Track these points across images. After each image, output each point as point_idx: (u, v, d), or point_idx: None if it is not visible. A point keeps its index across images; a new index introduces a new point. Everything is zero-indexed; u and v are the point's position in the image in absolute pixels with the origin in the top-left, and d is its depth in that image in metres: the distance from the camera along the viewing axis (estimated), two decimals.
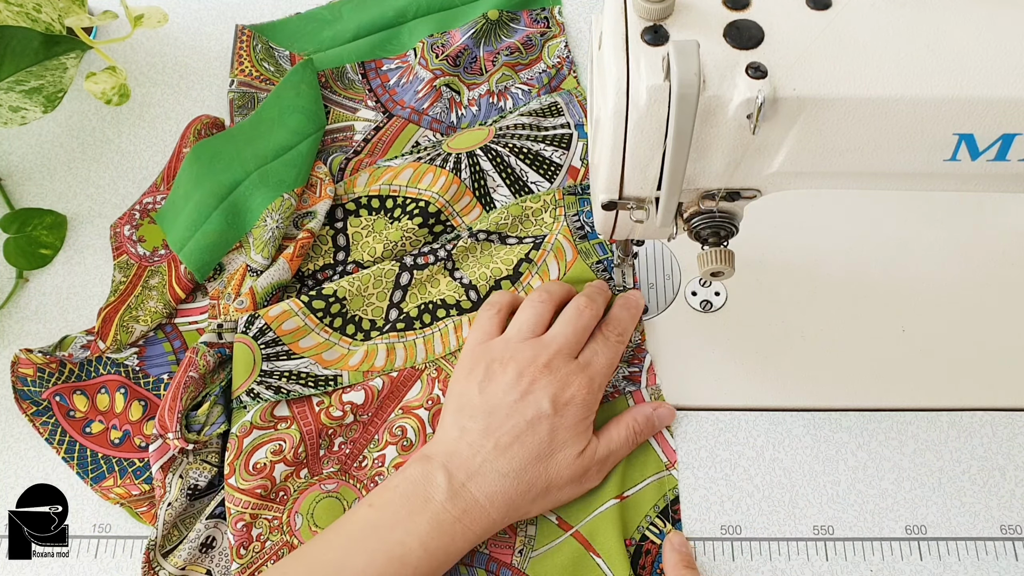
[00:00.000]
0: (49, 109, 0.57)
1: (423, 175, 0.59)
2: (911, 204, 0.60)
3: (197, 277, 0.57)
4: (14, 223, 0.60)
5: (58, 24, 0.58)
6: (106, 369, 0.56)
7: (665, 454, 0.52)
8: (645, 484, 0.51)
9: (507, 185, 0.60)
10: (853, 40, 0.38)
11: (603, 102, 0.41)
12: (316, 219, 0.58)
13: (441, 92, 0.64)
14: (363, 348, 0.55)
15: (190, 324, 0.57)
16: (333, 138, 0.64)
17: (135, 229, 0.61)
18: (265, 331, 0.54)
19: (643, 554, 0.50)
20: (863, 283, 0.57)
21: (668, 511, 0.51)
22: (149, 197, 0.62)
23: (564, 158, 0.61)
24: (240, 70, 0.66)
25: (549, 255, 0.57)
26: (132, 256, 0.60)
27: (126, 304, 0.57)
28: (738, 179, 0.43)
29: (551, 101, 0.63)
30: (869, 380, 0.55)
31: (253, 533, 0.50)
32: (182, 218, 0.58)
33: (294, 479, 0.51)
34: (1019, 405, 0.54)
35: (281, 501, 0.51)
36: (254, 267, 0.56)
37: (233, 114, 0.64)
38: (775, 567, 0.50)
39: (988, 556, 0.50)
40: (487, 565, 0.49)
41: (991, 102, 0.38)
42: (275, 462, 0.51)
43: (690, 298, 0.57)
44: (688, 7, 0.39)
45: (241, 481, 0.50)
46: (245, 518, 0.50)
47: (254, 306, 0.54)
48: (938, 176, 0.42)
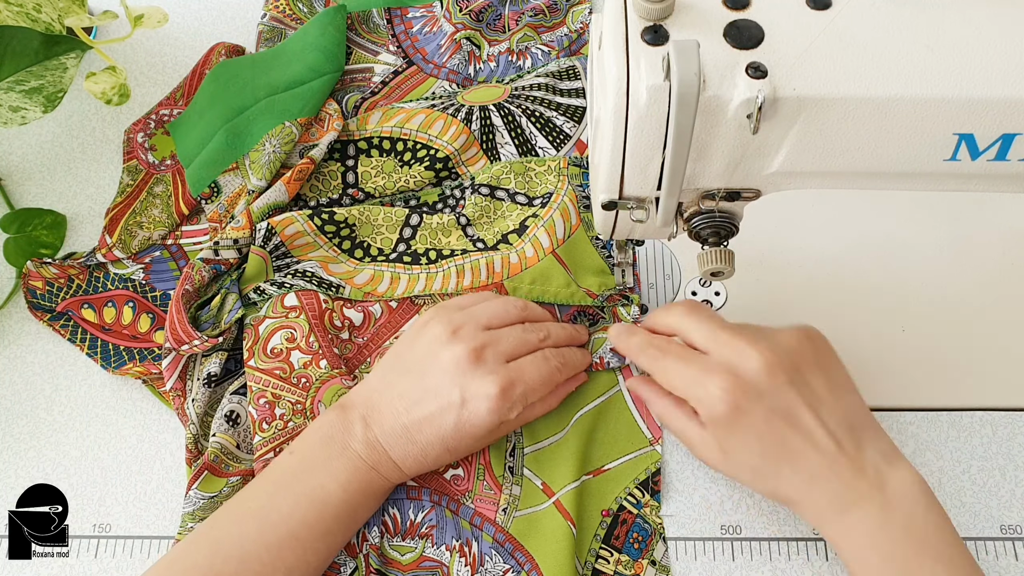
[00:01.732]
0: (49, 109, 0.57)
1: (434, 122, 0.60)
2: (911, 204, 0.60)
3: (192, 191, 0.59)
4: (14, 223, 0.60)
5: (58, 24, 0.58)
6: (113, 284, 0.58)
7: (650, 430, 0.53)
8: (628, 459, 0.52)
9: (515, 144, 0.61)
10: (853, 40, 0.38)
11: (603, 102, 0.41)
12: (319, 149, 0.59)
13: (461, 44, 0.65)
14: (369, 270, 0.57)
15: (195, 244, 0.60)
16: (352, 78, 0.65)
17: (148, 137, 0.63)
18: (271, 235, 0.56)
19: (619, 524, 0.50)
20: (863, 283, 0.57)
21: (648, 483, 0.51)
22: (165, 109, 0.64)
23: (575, 130, 0.62)
24: (275, 5, 0.68)
25: (555, 212, 0.57)
26: (142, 162, 0.62)
27: (132, 208, 0.60)
28: (738, 179, 0.43)
29: (569, 64, 0.64)
30: (869, 380, 0.55)
31: (276, 412, 0.51)
32: (194, 134, 0.61)
33: (314, 367, 0.53)
34: (1019, 405, 0.54)
35: (304, 387, 0.52)
36: (251, 189, 0.58)
37: (259, 45, 0.66)
38: (775, 567, 0.50)
39: (988, 556, 0.50)
40: (471, 518, 0.50)
41: (991, 102, 0.38)
42: (290, 348, 0.53)
43: (690, 298, 0.57)
44: (688, 7, 0.39)
45: (260, 362, 0.52)
46: (267, 395, 0.51)
47: (250, 226, 0.56)
48: (938, 176, 0.42)
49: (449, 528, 0.50)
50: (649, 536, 0.50)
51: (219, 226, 0.58)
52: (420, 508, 0.51)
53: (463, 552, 0.49)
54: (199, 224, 0.60)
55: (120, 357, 0.56)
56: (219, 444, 0.51)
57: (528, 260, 0.56)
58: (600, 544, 0.50)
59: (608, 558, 0.49)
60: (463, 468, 0.51)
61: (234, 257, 0.56)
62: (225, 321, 0.54)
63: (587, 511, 0.50)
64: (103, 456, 0.54)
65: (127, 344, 0.56)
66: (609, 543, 0.50)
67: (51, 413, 0.56)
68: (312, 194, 0.59)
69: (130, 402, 0.56)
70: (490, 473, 0.51)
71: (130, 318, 0.57)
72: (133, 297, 0.57)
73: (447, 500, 0.51)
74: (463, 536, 0.50)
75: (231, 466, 0.51)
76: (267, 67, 0.62)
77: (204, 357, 0.53)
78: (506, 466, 0.51)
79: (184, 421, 0.52)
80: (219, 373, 0.53)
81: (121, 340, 0.56)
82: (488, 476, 0.51)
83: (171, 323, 0.52)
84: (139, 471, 0.54)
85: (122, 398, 0.56)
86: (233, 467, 0.51)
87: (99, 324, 0.57)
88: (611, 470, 0.52)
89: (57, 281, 0.58)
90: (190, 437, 0.51)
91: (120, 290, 0.58)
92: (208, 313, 0.54)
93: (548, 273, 0.56)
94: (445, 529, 0.50)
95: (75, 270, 0.58)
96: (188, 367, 0.53)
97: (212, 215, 0.59)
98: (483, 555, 0.49)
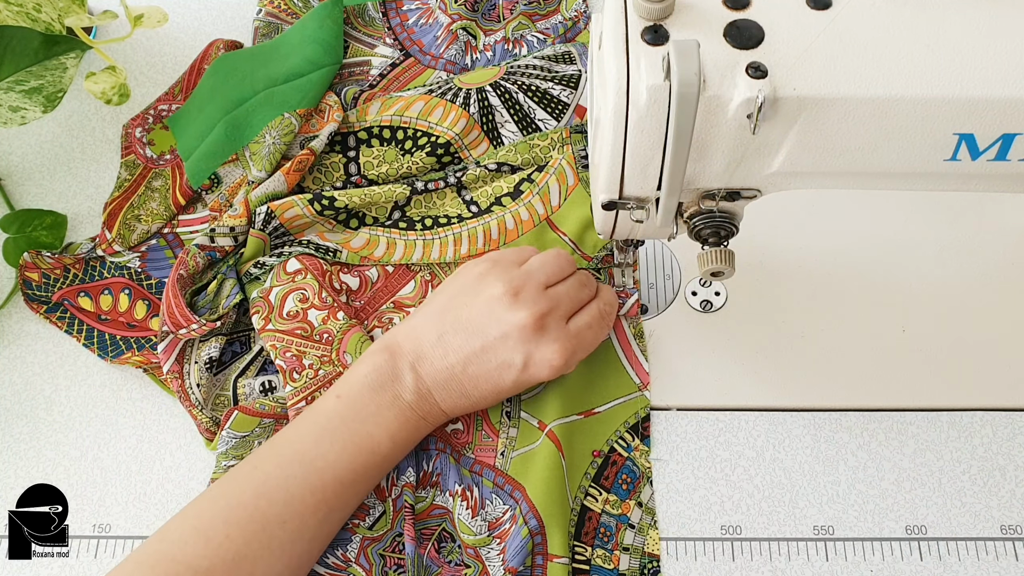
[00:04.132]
0: (49, 109, 0.57)
1: (433, 109, 0.60)
2: (911, 204, 0.60)
3: (191, 183, 0.59)
4: (14, 223, 0.60)
5: (58, 24, 0.58)
6: (110, 272, 0.58)
7: (638, 376, 0.54)
8: (618, 402, 0.54)
9: (514, 121, 0.61)
10: (853, 40, 0.38)
11: (603, 102, 0.41)
12: (319, 140, 0.59)
13: (457, 35, 0.65)
14: (365, 234, 0.58)
15: (191, 233, 0.60)
16: (350, 72, 0.65)
17: (146, 132, 0.63)
18: (271, 218, 0.56)
19: (609, 465, 0.52)
20: (863, 283, 0.57)
21: (639, 427, 0.53)
22: (164, 104, 0.64)
23: (571, 97, 0.62)
24: (269, 1, 0.68)
25: (551, 178, 0.58)
26: (140, 156, 0.62)
27: (129, 202, 0.60)
28: (738, 179, 0.43)
29: (565, 50, 0.64)
30: (869, 380, 0.55)
31: (305, 362, 0.52)
32: (193, 127, 0.61)
33: (332, 320, 0.53)
34: (1019, 405, 0.54)
35: (327, 342, 0.53)
36: (252, 179, 0.58)
37: (255, 41, 0.66)
38: (775, 567, 0.50)
39: (988, 556, 0.50)
40: (471, 467, 0.52)
41: (991, 102, 0.38)
42: (306, 309, 0.54)
43: (690, 298, 0.57)
44: (688, 7, 0.39)
45: (279, 324, 0.53)
46: (292, 350, 0.52)
47: (247, 214, 0.56)
48: (938, 176, 0.42)
49: (452, 474, 0.51)
50: (637, 478, 0.52)
51: (219, 215, 0.59)
52: (428, 457, 0.52)
53: (465, 496, 0.50)
54: (196, 213, 0.60)
55: (117, 347, 0.56)
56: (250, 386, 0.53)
57: (524, 224, 0.57)
58: (590, 483, 0.51)
59: (597, 496, 0.51)
60: (463, 423, 0.53)
61: (229, 244, 0.56)
62: (223, 306, 0.54)
63: (578, 450, 0.52)
64: (103, 456, 0.54)
65: (124, 333, 0.56)
66: (598, 483, 0.51)
67: (51, 413, 0.56)
68: (315, 186, 0.60)
69: (130, 402, 0.56)
70: (487, 423, 0.53)
71: (126, 305, 0.57)
72: (129, 284, 0.58)
73: (451, 449, 0.52)
74: (464, 482, 0.51)
75: (265, 405, 0.52)
76: (266, 60, 0.63)
77: (202, 342, 0.54)
78: (503, 411, 0.53)
79: (183, 402, 0.53)
80: (219, 357, 0.54)
81: (118, 330, 0.56)
82: (486, 425, 0.53)
83: (168, 307, 0.53)
84: (139, 471, 0.54)
85: (122, 398, 0.56)
86: (268, 406, 0.52)
87: (95, 313, 0.57)
88: (602, 413, 0.53)
89: (53, 272, 0.58)
90: (206, 419, 0.52)
91: (116, 277, 0.58)
92: (205, 298, 0.54)
93: (543, 239, 0.57)
94: (448, 475, 0.51)
95: (71, 260, 0.58)
96: (185, 352, 0.54)
97: (213, 204, 0.59)
98: (484, 499, 0.50)
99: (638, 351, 0.55)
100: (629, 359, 0.55)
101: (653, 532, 0.50)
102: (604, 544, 0.50)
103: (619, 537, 0.50)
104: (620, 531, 0.50)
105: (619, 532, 0.50)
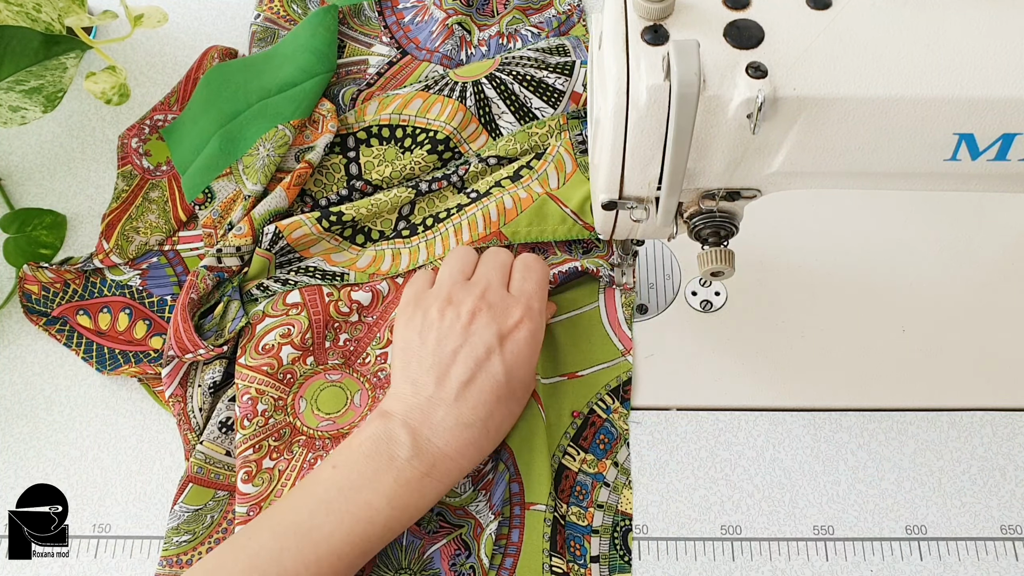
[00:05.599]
0: (49, 109, 0.57)
1: (431, 106, 0.60)
2: (911, 204, 0.60)
3: (186, 197, 0.59)
4: (14, 223, 0.60)
5: (58, 24, 0.58)
6: (110, 290, 0.58)
7: (621, 342, 0.55)
8: (601, 367, 0.55)
9: (511, 112, 0.61)
10: (853, 40, 0.38)
11: (603, 102, 0.41)
12: (315, 151, 0.59)
13: (452, 30, 0.66)
14: (371, 252, 0.58)
15: (191, 250, 0.59)
16: (347, 71, 0.65)
17: (143, 143, 0.63)
18: (278, 238, 0.56)
19: (588, 426, 0.53)
20: (863, 283, 0.57)
21: (620, 390, 0.54)
22: (160, 114, 0.64)
23: (567, 84, 0.62)
24: (268, 6, 0.68)
25: (550, 165, 0.59)
26: (136, 167, 0.62)
27: (127, 214, 0.60)
28: (738, 179, 0.43)
29: (559, 43, 0.65)
30: (869, 380, 0.55)
31: (258, 408, 0.52)
32: (188, 140, 0.61)
33: (300, 364, 0.54)
34: (1019, 405, 0.54)
35: (287, 383, 0.53)
36: (248, 194, 0.58)
37: (252, 46, 0.66)
38: (775, 567, 0.50)
39: (988, 556, 0.50)
40: None
41: (991, 102, 0.38)
42: (282, 344, 0.53)
43: (690, 298, 0.57)
44: (688, 7, 0.39)
45: (250, 359, 0.53)
46: (251, 392, 0.52)
47: (252, 233, 0.56)
48: (938, 176, 0.42)
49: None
50: (615, 440, 0.53)
51: (213, 231, 0.58)
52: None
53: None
54: (197, 229, 0.60)
55: (115, 360, 0.56)
56: (203, 455, 0.51)
57: (523, 202, 0.57)
58: (569, 442, 0.53)
59: (575, 456, 0.52)
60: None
61: (236, 264, 0.56)
62: (229, 330, 0.54)
63: (559, 410, 0.53)
64: (103, 456, 0.54)
65: (122, 347, 0.56)
66: (577, 443, 0.53)
67: (50, 413, 0.56)
68: (317, 189, 0.60)
69: (130, 402, 0.56)
70: None
71: (125, 324, 0.56)
72: (130, 304, 0.57)
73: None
74: None
75: (220, 475, 0.51)
76: (259, 71, 0.62)
77: (205, 365, 0.53)
78: None
79: (181, 426, 0.52)
80: (223, 381, 0.53)
81: (116, 344, 0.56)
82: None
83: (176, 332, 0.52)
84: (139, 471, 0.54)
85: (121, 399, 0.56)
86: (223, 475, 0.51)
87: (94, 330, 0.57)
88: (585, 376, 0.54)
89: (53, 286, 0.57)
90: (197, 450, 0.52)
91: (116, 296, 0.57)
92: (212, 322, 0.54)
93: (543, 212, 0.57)
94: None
95: (71, 275, 0.58)
96: (188, 375, 0.53)
97: (206, 220, 0.58)
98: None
99: (623, 319, 0.56)
100: (613, 326, 0.56)
101: (627, 492, 0.51)
102: (579, 502, 0.51)
103: (594, 495, 0.51)
104: (595, 489, 0.51)
105: (594, 490, 0.51)
